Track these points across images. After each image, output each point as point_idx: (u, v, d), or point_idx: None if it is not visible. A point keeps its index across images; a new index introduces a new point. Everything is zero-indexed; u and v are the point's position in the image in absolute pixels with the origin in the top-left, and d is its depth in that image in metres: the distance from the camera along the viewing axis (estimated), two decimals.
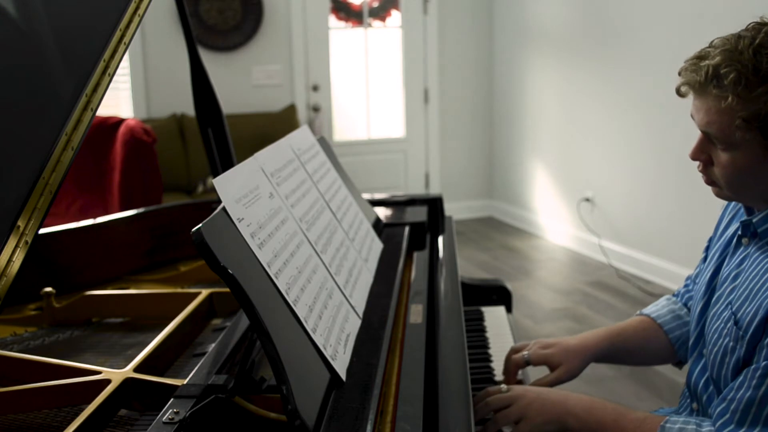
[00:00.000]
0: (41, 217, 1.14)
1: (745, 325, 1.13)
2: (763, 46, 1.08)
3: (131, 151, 3.81)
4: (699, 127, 1.16)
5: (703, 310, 1.31)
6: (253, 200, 1.09)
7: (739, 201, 1.25)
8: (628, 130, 4.60)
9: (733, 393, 1.11)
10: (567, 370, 1.45)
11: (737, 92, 1.07)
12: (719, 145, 1.14)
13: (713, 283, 1.30)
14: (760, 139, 1.09)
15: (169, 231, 1.93)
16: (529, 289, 4.41)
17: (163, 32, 5.13)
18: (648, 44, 4.33)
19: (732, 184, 1.16)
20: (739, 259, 1.24)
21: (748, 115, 1.07)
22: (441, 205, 2.03)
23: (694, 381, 1.31)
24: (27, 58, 1.26)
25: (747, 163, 1.12)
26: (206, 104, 2.07)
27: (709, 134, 1.14)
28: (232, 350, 1.17)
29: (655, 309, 1.55)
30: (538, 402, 1.24)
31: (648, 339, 1.50)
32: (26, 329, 1.50)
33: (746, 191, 1.18)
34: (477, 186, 6.25)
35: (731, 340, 1.16)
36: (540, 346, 1.48)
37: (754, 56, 1.07)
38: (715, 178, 1.18)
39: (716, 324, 1.22)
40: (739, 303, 1.17)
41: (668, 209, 4.32)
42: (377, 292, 1.35)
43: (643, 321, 1.53)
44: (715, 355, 1.20)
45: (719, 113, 1.11)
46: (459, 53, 5.99)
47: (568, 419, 1.22)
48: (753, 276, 1.17)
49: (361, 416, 0.94)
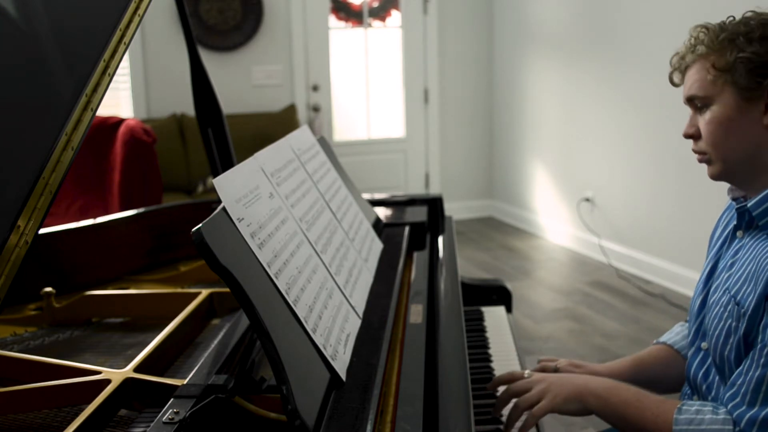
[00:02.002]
0: (41, 217, 1.14)
1: (746, 303, 1.16)
2: (733, 17, 1.23)
3: (131, 151, 3.81)
4: (685, 97, 1.26)
5: (701, 306, 1.33)
6: (253, 200, 1.09)
7: (729, 178, 1.27)
8: (628, 130, 4.60)
9: (742, 377, 1.14)
10: None
11: (706, 43, 1.21)
12: (700, 104, 1.23)
13: (710, 280, 1.32)
14: (732, 84, 1.18)
15: (169, 231, 1.93)
16: (529, 289, 4.41)
17: (163, 32, 5.13)
18: (648, 44, 4.33)
19: (717, 146, 1.22)
20: (733, 250, 1.27)
21: (717, 60, 1.19)
22: (441, 205, 2.03)
23: (693, 374, 1.33)
24: (27, 58, 1.26)
25: (725, 113, 1.20)
26: (206, 104, 2.07)
27: (693, 97, 1.23)
28: (232, 350, 1.17)
29: (671, 336, 1.55)
30: (559, 382, 1.26)
31: (669, 366, 1.51)
32: (26, 329, 1.50)
33: (732, 155, 1.22)
34: (477, 186, 6.25)
35: (733, 320, 1.19)
36: (569, 364, 1.49)
37: (723, 22, 1.22)
38: (704, 148, 1.24)
39: (716, 310, 1.24)
40: (738, 286, 1.20)
41: (668, 209, 4.32)
42: (377, 292, 1.35)
43: (661, 349, 1.53)
44: (716, 338, 1.22)
45: (696, 72, 1.23)
46: (459, 53, 5.99)
47: (589, 398, 1.23)
48: (749, 261, 1.20)
49: (361, 416, 0.94)
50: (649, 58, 4.32)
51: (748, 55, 1.16)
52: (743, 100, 1.18)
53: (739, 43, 1.18)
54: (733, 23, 1.21)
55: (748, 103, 1.18)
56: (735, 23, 1.21)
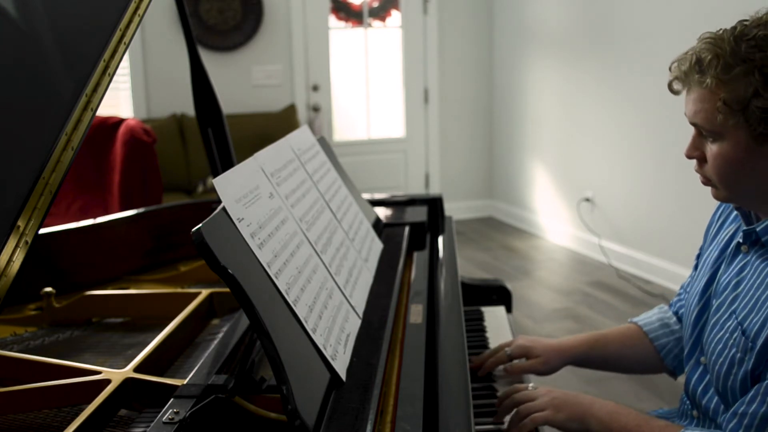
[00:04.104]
0: (41, 217, 1.14)
1: (753, 335, 1.12)
2: (744, 34, 1.09)
3: (131, 151, 3.81)
4: (689, 119, 1.17)
5: (699, 317, 1.30)
6: (253, 200, 1.09)
7: (735, 202, 1.23)
8: (628, 130, 4.60)
9: (745, 407, 1.10)
10: (545, 362, 1.49)
11: (716, 75, 1.09)
12: (708, 136, 1.14)
13: (708, 290, 1.29)
14: (744, 126, 1.09)
15: (169, 231, 1.93)
16: (529, 289, 4.41)
17: (163, 32, 5.13)
18: (648, 44, 4.33)
19: (724, 179, 1.15)
20: (738, 267, 1.22)
21: (728, 97, 1.08)
22: (441, 205, 2.03)
23: (692, 389, 1.30)
24: (27, 58, 1.26)
25: (735, 153, 1.11)
26: (206, 104, 2.07)
27: (698, 125, 1.15)
28: (232, 350, 1.17)
29: (645, 317, 1.55)
30: (563, 399, 1.25)
31: (631, 347, 1.50)
32: (26, 329, 1.50)
33: (740, 188, 1.16)
34: (477, 186, 6.25)
35: (739, 351, 1.14)
36: (521, 340, 1.52)
37: (734, 42, 1.09)
38: (710, 176, 1.17)
39: (719, 333, 1.21)
40: (745, 312, 1.16)
41: (668, 209, 4.31)
42: (377, 292, 1.35)
43: (629, 329, 1.53)
44: (720, 366, 1.19)
45: (702, 100, 1.12)
46: (459, 53, 5.99)
47: (591, 421, 1.23)
48: (757, 284, 1.16)
49: (361, 416, 0.94)
50: (649, 58, 4.32)
51: (763, 104, 1.06)
52: (756, 142, 1.09)
53: (753, 81, 1.06)
54: (747, 48, 1.08)
55: (761, 145, 1.09)
56: (748, 48, 1.08)
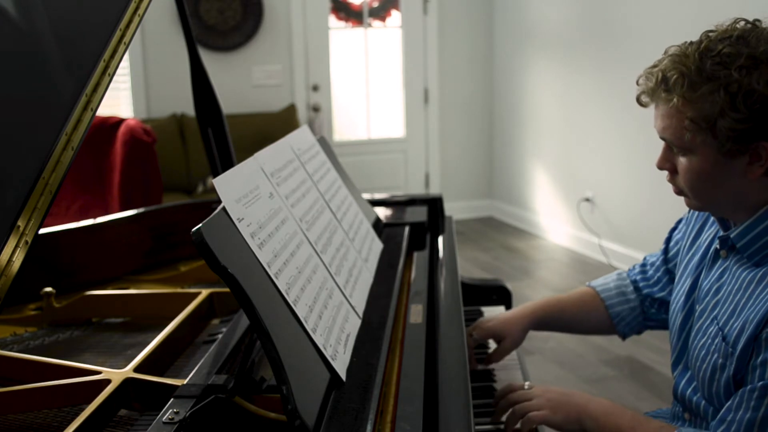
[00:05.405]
0: (41, 217, 1.14)
1: (732, 340, 1.13)
2: (709, 50, 1.09)
3: (131, 151, 3.81)
4: (658, 134, 1.18)
5: (684, 322, 1.31)
6: (253, 200, 1.09)
7: (708, 211, 1.25)
8: (627, 130, 4.60)
9: (732, 414, 1.10)
10: (510, 340, 1.53)
11: (682, 93, 1.09)
12: (677, 151, 1.16)
13: (692, 296, 1.30)
14: (712, 142, 1.09)
15: (169, 231, 1.93)
16: (529, 289, 4.41)
17: (163, 32, 5.13)
18: (648, 44, 4.32)
19: (695, 191, 1.17)
20: (718, 272, 1.24)
21: (695, 116, 1.09)
22: (441, 205, 2.03)
23: (681, 392, 1.31)
24: (27, 58, 1.26)
25: (705, 167, 1.12)
26: (206, 104, 2.07)
27: (667, 140, 1.16)
28: (232, 350, 1.17)
29: (603, 282, 1.58)
30: (559, 399, 1.26)
31: (587, 311, 1.54)
32: (26, 329, 1.50)
33: (711, 199, 1.18)
34: (477, 186, 6.25)
35: (720, 356, 1.16)
36: (481, 323, 1.55)
37: (699, 59, 1.09)
38: (682, 187, 1.19)
39: (702, 340, 1.22)
40: (725, 318, 1.17)
41: (668, 209, 4.31)
42: (377, 292, 1.35)
43: (586, 293, 1.57)
44: (704, 372, 1.20)
45: (670, 117, 1.13)
46: (459, 53, 5.98)
47: (586, 421, 1.24)
48: (735, 290, 1.17)
49: (361, 416, 0.94)
50: (649, 58, 4.29)
51: (730, 125, 1.06)
52: (725, 157, 1.10)
53: (719, 99, 1.06)
54: (712, 65, 1.07)
55: (730, 159, 1.10)
56: (713, 65, 1.07)
